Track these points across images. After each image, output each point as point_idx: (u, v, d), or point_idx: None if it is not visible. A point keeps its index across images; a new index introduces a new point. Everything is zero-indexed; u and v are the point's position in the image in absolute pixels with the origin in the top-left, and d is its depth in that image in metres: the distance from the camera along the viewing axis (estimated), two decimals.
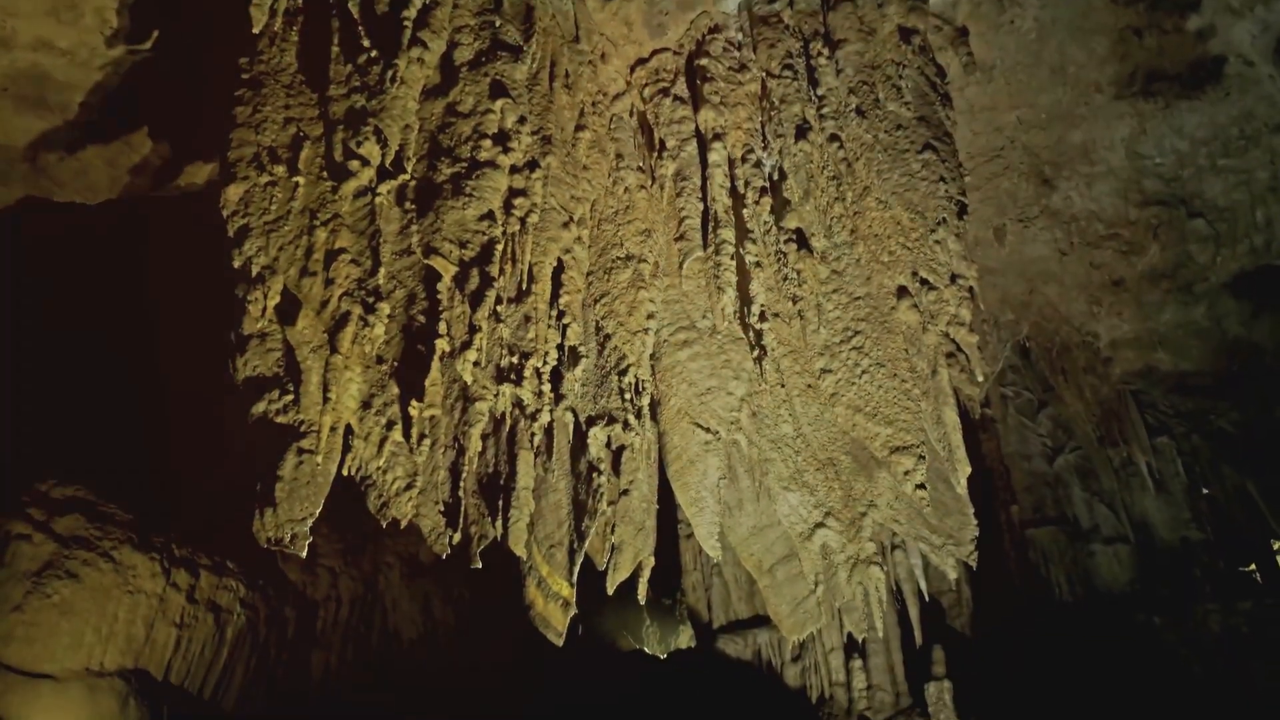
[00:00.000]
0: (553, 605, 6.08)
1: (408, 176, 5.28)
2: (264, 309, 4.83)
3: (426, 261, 4.92)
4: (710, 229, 5.92)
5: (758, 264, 5.91)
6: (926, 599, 9.06)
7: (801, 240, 6.09)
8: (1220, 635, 9.57)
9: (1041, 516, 12.87)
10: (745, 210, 6.12)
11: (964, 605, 10.47)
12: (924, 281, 6.02)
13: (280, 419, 4.67)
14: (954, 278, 6.03)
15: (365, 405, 4.85)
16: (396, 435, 4.83)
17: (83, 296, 12.95)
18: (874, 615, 7.30)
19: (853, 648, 9.54)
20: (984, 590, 10.73)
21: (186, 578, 11.31)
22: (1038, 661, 9.72)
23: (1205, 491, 12.33)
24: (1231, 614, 9.81)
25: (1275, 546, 12.70)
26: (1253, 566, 12.53)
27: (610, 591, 6.21)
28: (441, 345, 4.89)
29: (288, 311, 4.91)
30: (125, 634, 10.38)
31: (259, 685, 12.28)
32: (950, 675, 8.44)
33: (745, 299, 5.98)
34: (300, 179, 5.13)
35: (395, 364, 4.92)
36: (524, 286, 5.43)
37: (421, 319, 4.92)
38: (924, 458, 5.65)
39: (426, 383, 4.75)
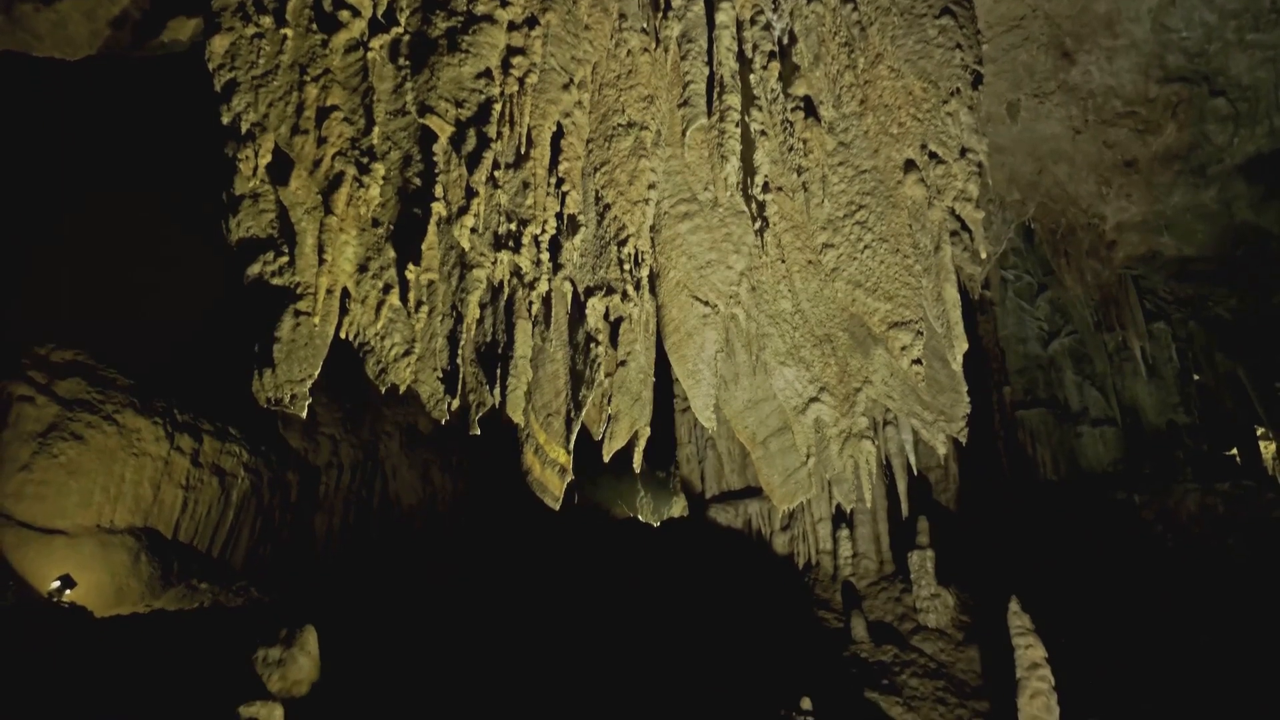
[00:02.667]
0: (550, 472, 6.21)
1: (401, 30, 5.05)
2: (255, 168, 4.71)
3: (422, 121, 4.76)
4: (715, 95, 5.70)
5: (763, 133, 5.73)
6: (915, 474, 9.28)
7: (809, 109, 5.88)
8: (1197, 514, 9.88)
9: (1033, 398, 13.08)
10: (752, 76, 5.89)
11: (950, 481, 10.75)
12: (933, 155, 5.87)
13: (276, 281, 4.63)
14: (964, 151, 5.88)
15: (362, 268, 4.80)
16: (394, 300, 4.80)
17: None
18: (863, 487, 7.49)
19: (840, 518, 9.84)
20: (971, 468, 10.99)
21: (190, 442, 11.53)
22: (1018, 535, 10.06)
23: (1196, 377, 12.48)
24: (1209, 494, 10.09)
25: (1259, 432, 12.95)
26: (1235, 451, 12.82)
27: (606, 460, 6.35)
28: (438, 209, 4.79)
29: (280, 171, 4.79)
30: (133, 494, 10.67)
31: (265, 545, 12.73)
32: (933, 546, 8.74)
33: (749, 170, 5.83)
34: (288, 30, 4.90)
35: (391, 227, 4.83)
36: (522, 151, 5.27)
37: (417, 181, 4.80)
38: (922, 334, 5.66)
39: (423, 247, 4.68)
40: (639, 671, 7.75)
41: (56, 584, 8.61)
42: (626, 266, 6.04)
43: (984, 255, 6.58)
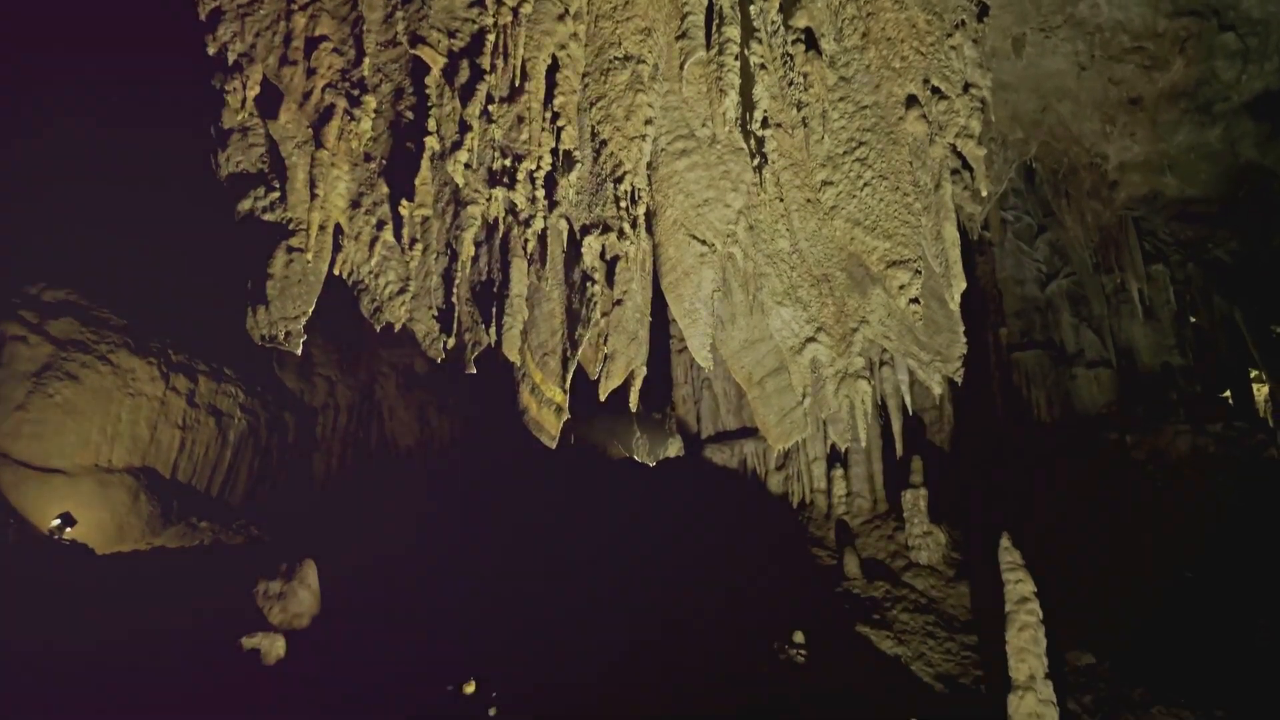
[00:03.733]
0: (546, 410, 6.22)
1: None
2: (243, 100, 4.60)
3: (413, 52, 4.63)
4: (714, 27, 5.55)
5: (762, 66, 5.60)
6: (910, 414, 9.32)
7: (810, 41, 5.74)
8: (1188, 454, 9.96)
9: (1029, 340, 13.07)
10: (752, 7, 5.73)
11: (945, 422, 10.82)
12: (935, 90, 5.75)
13: (267, 216, 4.57)
14: (967, 87, 5.76)
15: (354, 204, 4.73)
16: (388, 236, 4.75)
17: None
18: (858, 427, 7.53)
19: (835, 458, 9.92)
20: (966, 409, 11.05)
21: (185, 382, 11.51)
22: (1011, 475, 10.17)
23: (1192, 320, 12.46)
24: (1201, 435, 10.16)
25: (1252, 375, 12.99)
26: (1228, 393, 12.87)
27: (603, 399, 6.35)
28: (431, 144, 4.70)
29: (269, 104, 4.68)
30: (130, 434, 10.68)
31: (263, 485, 12.82)
32: (926, 485, 8.82)
33: (747, 105, 5.71)
34: None
35: (384, 162, 4.75)
36: (516, 84, 5.15)
37: (410, 115, 4.70)
38: (920, 272, 5.61)
39: (417, 182, 4.61)
40: (634, 609, 7.89)
41: (57, 522, 8.68)
42: (623, 204, 5.96)
43: (984, 194, 6.50)
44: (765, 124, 5.73)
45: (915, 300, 5.61)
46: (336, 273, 4.87)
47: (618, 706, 5.88)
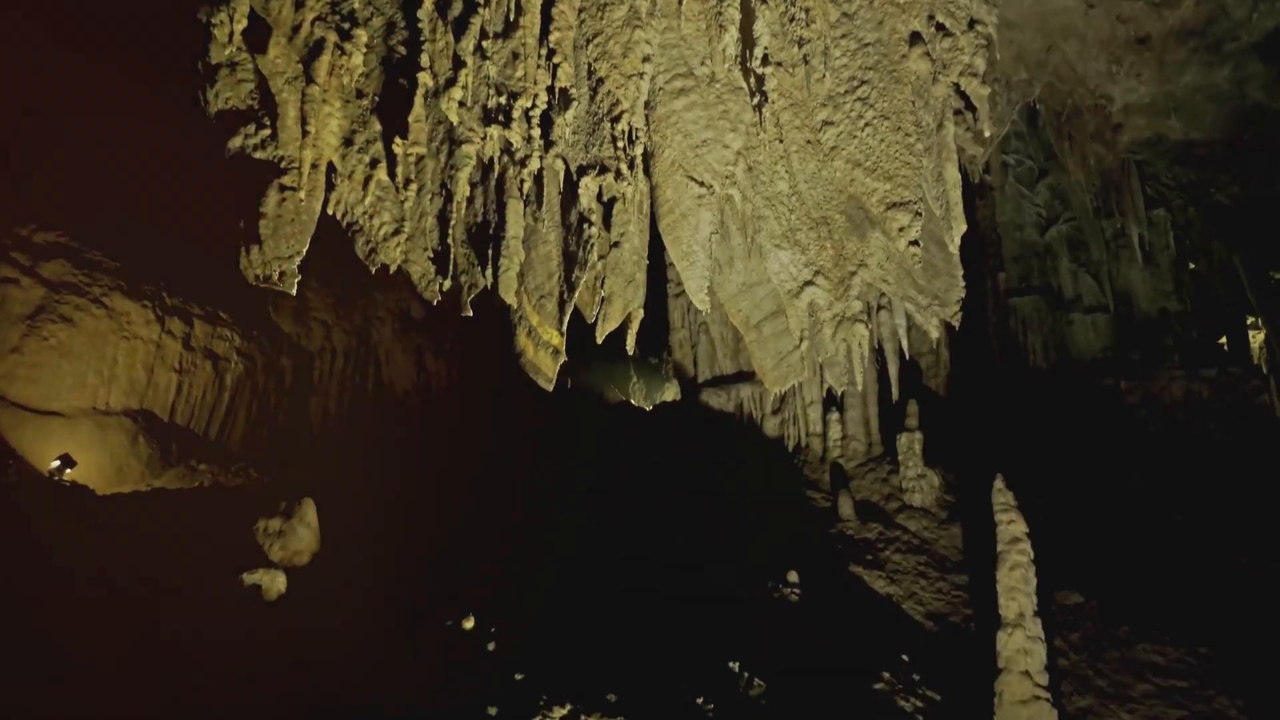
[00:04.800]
0: (543, 353, 6.21)
1: None
2: (231, 34, 4.48)
3: None
4: None
5: (763, 1, 5.46)
6: (906, 359, 9.33)
7: None
8: (1182, 399, 10.03)
9: (1027, 286, 13.07)
10: None
11: (941, 367, 10.84)
12: (940, 27, 5.64)
13: (259, 154, 4.49)
14: (972, 23, 5.64)
15: (347, 142, 4.65)
16: (381, 175, 4.68)
17: None
18: (855, 370, 7.55)
19: (831, 402, 9.97)
20: (962, 354, 11.07)
21: (181, 325, 11.47)
22: (1006, 420, 10.23)
23: (1191, 266, 12.43)
24: (1195, 380, 10.23)
25: (1249, 321, 13.01)
26: (1223, 340, 12.91)
27: (600, 341, 6.33)
28: (425, 80, 4.60)
29: (257, 38, 4.57)
30: (126, 377, 10.68)
31: (261, 428, 12.86)
32: (922, 429, 8.88)
33: (747, 42, 5.59)
34: None
35: (376, 99, 4.65)
36: (511, 19, 5.02)
37: (402, 50, 4.60)
38: (920, 215, 5.56)
39: (410, 120, 4.53)
40: (630, 548, 7.99)
41: (56, 463, 8.71)
42: (620, 144, 5.86)
43: (987, 134, 6.41)
44: (765, 62, 5.62)
45: (915, 243, 5.57)
46: (330, 212, 4.81)
47: (614, 638, 5.99)
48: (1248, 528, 7.76)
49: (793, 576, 7.35)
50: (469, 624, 5.89)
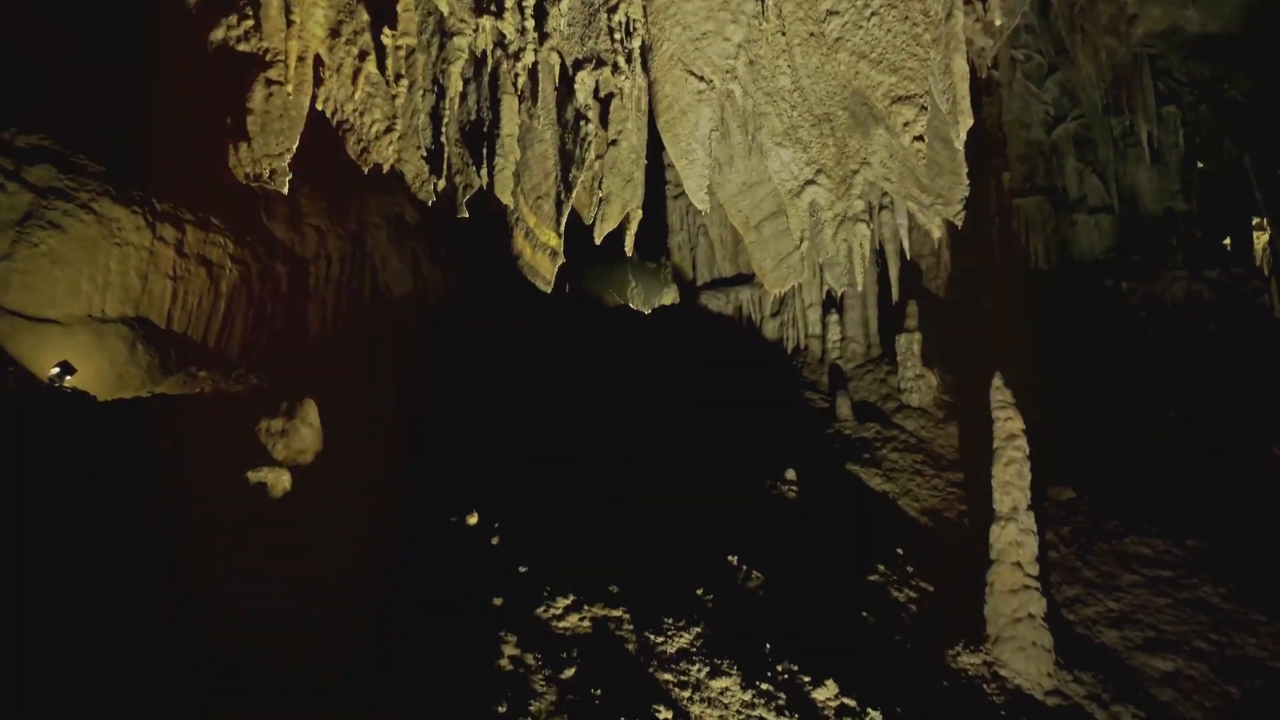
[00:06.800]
0: (541, 255, 6.16)
1: None
2: None
3: None
4: None
5: None
6: (907, 259, 9.24)
7: None
8: (1183, 300, 10.00)
9: (1031, 186, 12.84)
10: None
11: (942, 268, 10.76)
12: None
13: (242, 47, 4.32)
14: None
15: (334, 33, 4.47)
16: (371, 68, 4.52)
17: None
18: (855, 271, 7.50)
19: (830, 303, 9.94)
20: (963, 255, 10.96)
21: (173, 232, 11.29)
22: (1005, 322, 10.19)
23: (1200, 165, 12.21)
24: (1197, 281, 10.18)
25: (1254, 222, 12.86)
26: (1227, 240, 12.79)
27: (598, 241, 6.27)
28: None
29: None
30: (121, 284, 10.57)
31: (259, 335, 12.82)
32: (921, 330, 8.88)
33: None
34: None
35: None
36: None
37: None
38: (926, 109, 5.40)
39: (399, 9, 4.35)
40: (631, 449, 8.08)
41: (56, 370, 8.70)
42: (617, 36, 5.67)
43: (998, 24, 6.19)
44: None
45: (919, 138, 5.43)
46: (320, 109, 4.67)
47: (615, 534, 6.13)
48: (1241, 425, 7.85)
49: (790, 475, 7.47)
50: (473, 519, 6.00)
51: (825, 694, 4.89)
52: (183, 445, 5.60)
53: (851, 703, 4.86)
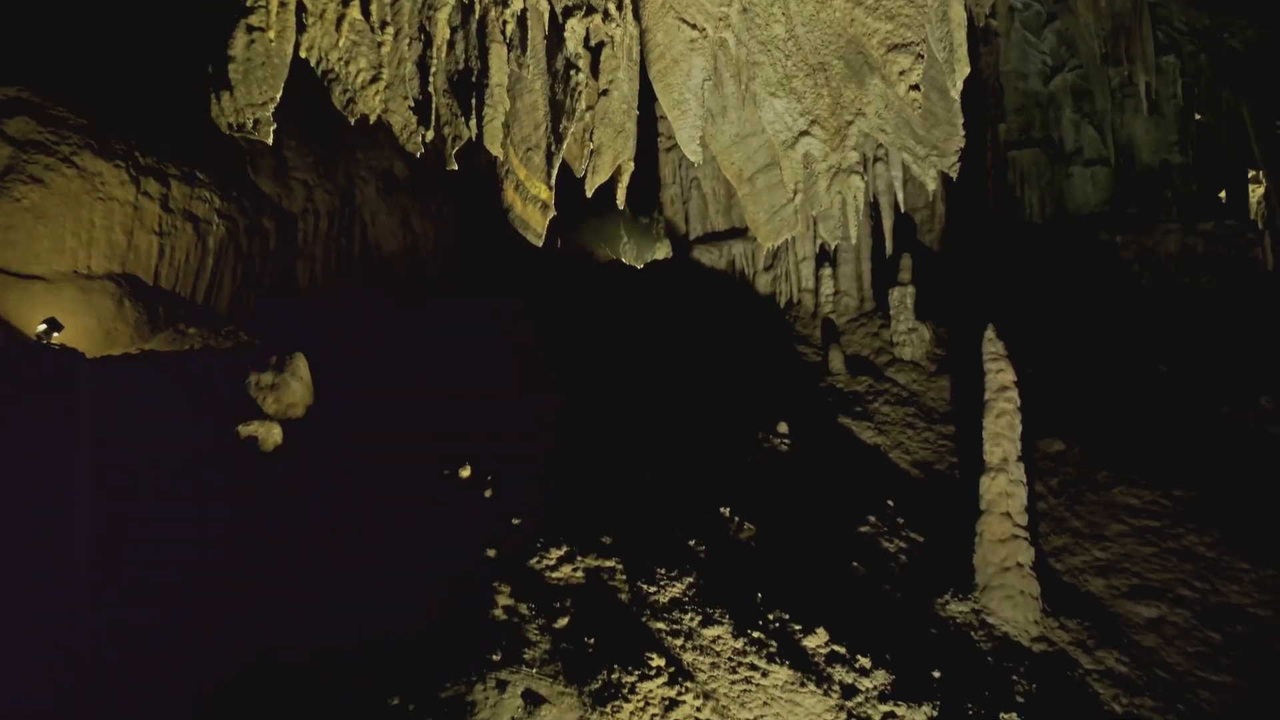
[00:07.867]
0: (531, 208, 6.07)
1: None
2: None
3: None
4: None
5: None
6: (901, 212, 9.19)
7: None
8: (1176, 253, 10.01)
9: (1027, 138, 12.73)
10: None
11: (936, 221, 10.67)
12: None
13: None
14: None
15: None
16: (355, 14, 4.41)
17: None
18: (849, 224, 7.45)
19: (824, 257, 9.87)
20: (958, 208, 10.89)
21: (157, 186, 11.13)
22: (999, 275, 10.19)
23: (1197, 116, 12.11)
24: (1190, 234, 10.17)
25: (1250, 174, 12.80)
26: (1222, 193, 12.74)
27: (590, 194, 6.18)
28: None
29: None
30: (106, 240, 10.44)
31: (248, 291, 12.74)
32: (914, 283, 8.84)
33: None
34: None
35: None
36: None
37: None
38: (922, 57, 5.31)
39: None
40: (623, 403, 8.10)
41: (43, 327, 8.63)
42: None
43: None
44: None
45: (915, 87, 5.35)
46: (303, 57, 4.56)
47: (608, 486, 6.16)
48: (1232, 377, 7.90)
49: (782, 428, 7.50)
50: (465, 473, 6.03)
51: (816, 641, 4.97)
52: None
53: (841, 649, 4.94)
